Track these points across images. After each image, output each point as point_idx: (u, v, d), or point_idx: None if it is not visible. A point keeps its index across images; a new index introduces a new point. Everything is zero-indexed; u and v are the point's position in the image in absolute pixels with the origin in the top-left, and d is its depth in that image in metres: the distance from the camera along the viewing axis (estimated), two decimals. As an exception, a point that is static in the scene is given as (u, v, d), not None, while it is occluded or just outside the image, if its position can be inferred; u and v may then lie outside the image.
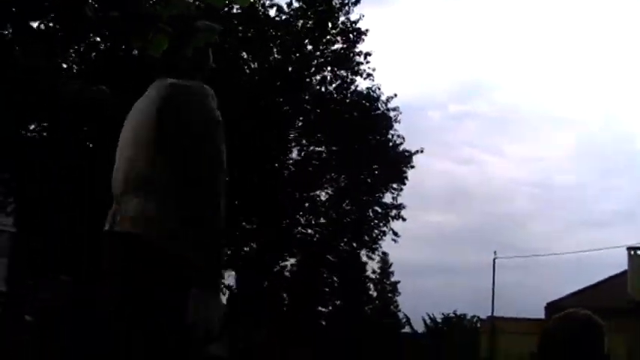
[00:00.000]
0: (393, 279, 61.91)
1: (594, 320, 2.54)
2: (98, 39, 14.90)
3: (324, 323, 55.09)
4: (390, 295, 61.35)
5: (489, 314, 31.36)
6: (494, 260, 37.63)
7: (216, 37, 1.82)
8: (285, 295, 22.96)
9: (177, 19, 1.72)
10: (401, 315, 58.52)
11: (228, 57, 17.02)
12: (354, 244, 20.64)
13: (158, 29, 1.68)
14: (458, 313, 43.33)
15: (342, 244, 20.76)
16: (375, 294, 61.28)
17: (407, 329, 47.33)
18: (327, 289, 22.36)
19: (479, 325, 36.51)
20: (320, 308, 28.98)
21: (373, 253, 21.20)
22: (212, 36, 1.80)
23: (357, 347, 28.29)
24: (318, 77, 19.02)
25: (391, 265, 61.72)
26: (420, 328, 43.96)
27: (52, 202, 15.75)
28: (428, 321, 42.88)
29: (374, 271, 61.62)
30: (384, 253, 21.35)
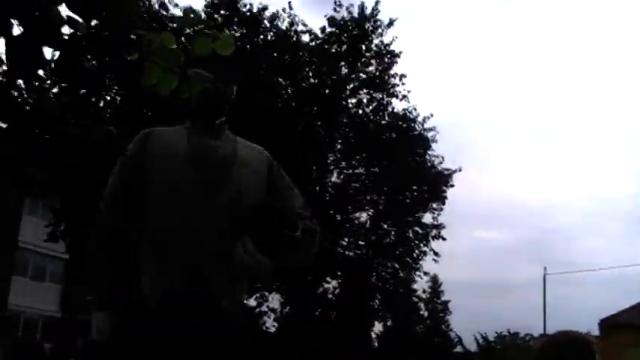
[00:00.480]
0: (443, 298, 61.62)
1: (583, 339, 2.66)
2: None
3: (375, 344, 54.84)
4: (440, 314, 60.99)
5: (542, 332, 30.82)
6: (544, 276, 37.17)
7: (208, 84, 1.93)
8: (332, 316, 22.98)
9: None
10: (452, 334, 58.08)
11: (264, 84, 17.25)
12: (396, 265, 20.62)
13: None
14: (511, 331, 42.77)
15: (382, 265, 20.74)
16: (425, 314, 61.00)
17: (459, 349, 46.80)
18: (377, 307, 22.27)
19: (531, 343, 36.00)
20: (372, 330, 28.99)
21: (414, 273, 21.12)
22: (205, 84, 1.91)
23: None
24: (354, 100, 19.13)
25: (441, 284, 61.42)
26: (472, 347, 43.31)
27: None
28: (480, 340, 42.19)
29: (424, 291, 61.43)
30: (426, 273, 21.20)
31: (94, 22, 1.96)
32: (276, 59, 17.59)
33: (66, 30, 1.90)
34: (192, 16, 1.96)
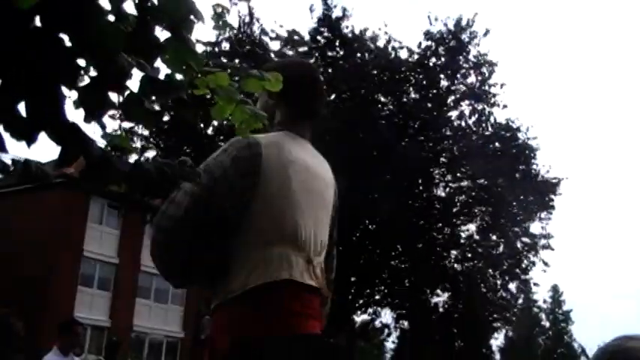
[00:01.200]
0: (565, 308, 59.94)
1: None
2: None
3: (497, 358, 53.48)
4: (563, 324, 59.35)
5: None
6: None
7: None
8: (454, 330, 22.87)
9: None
10: (576, 345, 56.33)
11: (365, 102, 17.52)
12: (506, 277, 20.34)
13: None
14: None
15: (492, 277, 20.49)
16: (547, 324, 59.50)
17: (583, 359, 45.38)
18: (493, 319, 21.98)
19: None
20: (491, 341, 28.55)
21: (524, 285, 20.78)
22: (259, 124, 2.08)
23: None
24: (456, 112, 19.12)
25: (562, 293, 59.77)
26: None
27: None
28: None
29: (544, 301, 59.96)
30: (536, 284, 20.83)
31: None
32: (377, 77, 17.79)
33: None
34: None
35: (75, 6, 1.88)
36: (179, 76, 2.18)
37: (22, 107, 1.97)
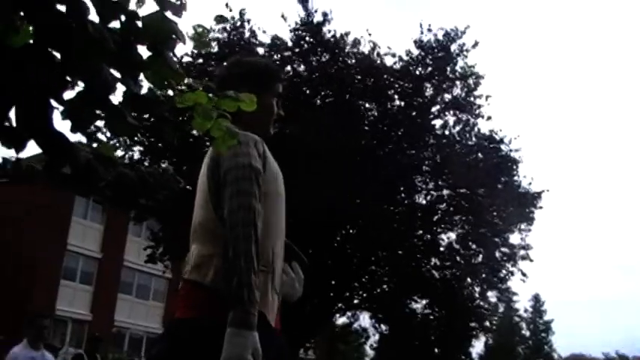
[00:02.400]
0: (545, 317, 60.24)
1: None
2: None
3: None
4: (543, 334, 59.66)
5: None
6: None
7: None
8: (432, 337, 23.04)
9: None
10: (555, 356, 56.75)
11: (350, 108, 17.70)
12: (484, 286, 20.57)
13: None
14: (620, 353, 41.61)
15: (470, 286, 20.73)
16: (527, 333, 59.78)
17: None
18: (472, 327, 22.19)
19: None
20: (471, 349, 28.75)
21: (502, 294, 21.03)
22: (233, 141, 2.24)
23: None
24: (440, 122, 19.32)
25: (543, 303, 60.10)
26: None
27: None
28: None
29: (525, 310, 60.28)
30: (514, 294, 21.14)
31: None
32: (360, 82, 17.95)
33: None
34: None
35: (64, 24, 2.08)
36: (159, 92, 2.38)
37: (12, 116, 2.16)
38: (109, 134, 16.14)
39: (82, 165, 2.24)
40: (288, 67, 18.40)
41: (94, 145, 2.34)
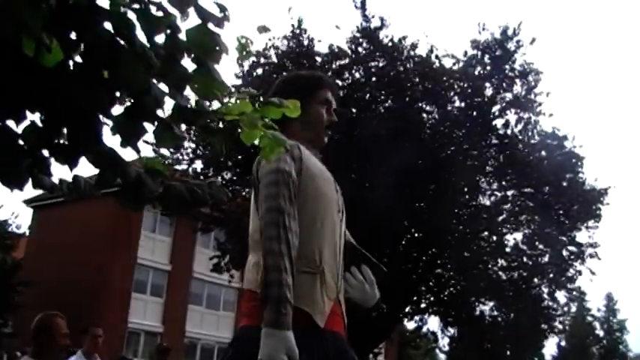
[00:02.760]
0: (619, 317, 58.77)
1: None
2: None
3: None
4: (617, 333, 58.21)
5: None
6: None
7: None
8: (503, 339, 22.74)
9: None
10: (631, 355, 55.28)
11: (410, 112, 17.63)
12: (552, 286, 20.20)
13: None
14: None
15: (538, 286, 20.38)
16: (601, 333, 58.43)
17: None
18: (543, 328, 21.81)
19: None
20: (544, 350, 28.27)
21: (570, 293, 20.61)
22: (280, 148, 2.27)
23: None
24: (502, 121, 19.08)
25: (616, 302, 58.66)
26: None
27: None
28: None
29: (598, 310, 58.94)
30: (584, 292, 20.71)
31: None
32: (419, 85, 17.88)
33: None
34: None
35: (111, 41, 2.15)
36: (206, 103, 2.43)
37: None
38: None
39: (132, 179, 2.30)
40: (347, 75, 18.48)
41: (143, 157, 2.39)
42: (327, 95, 2.92)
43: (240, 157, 17.61)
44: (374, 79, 18.27)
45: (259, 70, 18.52)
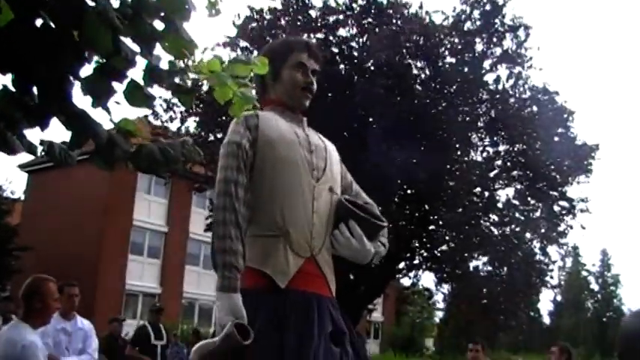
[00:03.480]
0: (613, 271, 59.30)
1: None
2: None
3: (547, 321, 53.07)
4: (612, 287, 58.76)
5: None
6: None
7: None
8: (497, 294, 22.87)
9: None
10: (625, 308, 55.82)
11: (400, 71, 17.59)
12: (544, 241, 20.28)
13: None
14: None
15: (530, 241, 20.48)
16: (596, 287, 58.99)
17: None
18: (534, 283, 21.95)
19: None
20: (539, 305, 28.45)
21: (561, 248, 20.73)
22: (249, 104, 2.33)
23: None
24: (492, 76, 19.05)
25: (610, 257, 59.13)
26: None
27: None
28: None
29: (593, 265, 59.49)
30: (575, 247, 20.89)
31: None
32: (412, 43, 17.79)
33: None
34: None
35: (78, 3, 2.16)
36: (177, 63, 2.45)
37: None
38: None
39: (104, 139, 2.34)
40: (341, 30, 18.50)
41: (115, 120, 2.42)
42: (300, 58, 2.91)
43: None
44: (366, 37, 18.23)
45: (254, 24, 18.44)
